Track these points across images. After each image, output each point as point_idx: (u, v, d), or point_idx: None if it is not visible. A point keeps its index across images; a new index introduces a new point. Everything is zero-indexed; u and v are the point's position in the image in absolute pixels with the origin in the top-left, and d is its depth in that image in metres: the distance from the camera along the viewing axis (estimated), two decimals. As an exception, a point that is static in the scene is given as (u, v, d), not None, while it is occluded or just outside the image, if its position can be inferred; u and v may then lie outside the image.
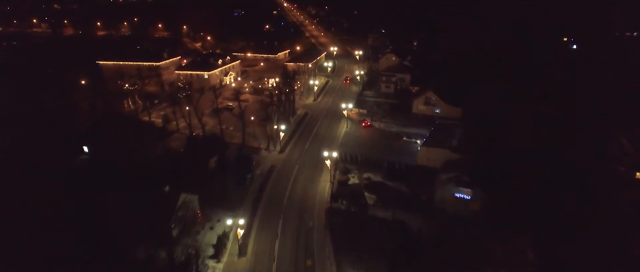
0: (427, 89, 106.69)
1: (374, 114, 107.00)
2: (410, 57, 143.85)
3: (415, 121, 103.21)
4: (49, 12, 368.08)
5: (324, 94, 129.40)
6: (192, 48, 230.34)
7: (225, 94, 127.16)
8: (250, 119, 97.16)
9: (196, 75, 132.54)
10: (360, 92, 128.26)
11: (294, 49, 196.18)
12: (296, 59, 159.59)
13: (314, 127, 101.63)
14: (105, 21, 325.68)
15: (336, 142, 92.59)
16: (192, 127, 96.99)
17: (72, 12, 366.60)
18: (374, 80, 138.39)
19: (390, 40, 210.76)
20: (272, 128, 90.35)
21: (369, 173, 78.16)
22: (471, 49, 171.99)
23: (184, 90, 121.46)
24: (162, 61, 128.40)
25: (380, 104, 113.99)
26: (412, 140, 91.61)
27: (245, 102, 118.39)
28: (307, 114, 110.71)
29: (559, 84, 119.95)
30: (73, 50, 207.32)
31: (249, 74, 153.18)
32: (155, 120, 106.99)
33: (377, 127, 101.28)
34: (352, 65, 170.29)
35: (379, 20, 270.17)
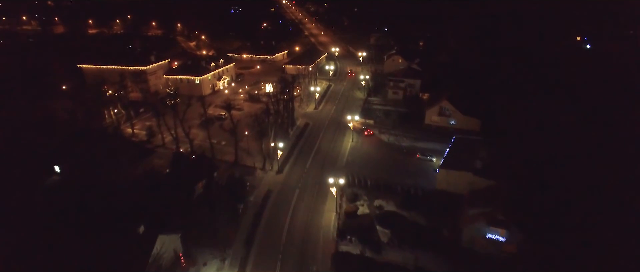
0: (441, 97, 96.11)
1: (382, 125, 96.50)
2: (418, 59, 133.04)
3: (429, 134, 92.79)
4: (41, 8, 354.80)
5: (326, 101, 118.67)
6: (186, 47, 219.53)
7: (217, 101, 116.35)
8: (244, 133, 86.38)
9: (186, 80, 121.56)
10: (365, 99, 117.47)
11: (293, 49, 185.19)
12: (295, 61, 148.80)
13: (316, 140, 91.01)
14: (97, 18, 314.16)
15: (341, 159, 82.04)
16: (179, 141, 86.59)
17: (64, 8, 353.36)
18: (380, 85, 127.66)
19: (394, 40, 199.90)
20: (269, 145, 79.74)
21: (381, 200, 67.66)
22: (482, 50, 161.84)
23: (173, 97, 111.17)
24: (149, 65, 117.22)
25: (388, 113, 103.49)
26: (427, 157, 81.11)
27: (239, 111, 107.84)
28: (307, 124, 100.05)
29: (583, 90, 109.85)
30: (61, 50, 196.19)
31: (244, 77, 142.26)
32: (139, 133, 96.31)
33: (386, 140, 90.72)
34: (355, 67, 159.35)
35: (381, 18, 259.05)
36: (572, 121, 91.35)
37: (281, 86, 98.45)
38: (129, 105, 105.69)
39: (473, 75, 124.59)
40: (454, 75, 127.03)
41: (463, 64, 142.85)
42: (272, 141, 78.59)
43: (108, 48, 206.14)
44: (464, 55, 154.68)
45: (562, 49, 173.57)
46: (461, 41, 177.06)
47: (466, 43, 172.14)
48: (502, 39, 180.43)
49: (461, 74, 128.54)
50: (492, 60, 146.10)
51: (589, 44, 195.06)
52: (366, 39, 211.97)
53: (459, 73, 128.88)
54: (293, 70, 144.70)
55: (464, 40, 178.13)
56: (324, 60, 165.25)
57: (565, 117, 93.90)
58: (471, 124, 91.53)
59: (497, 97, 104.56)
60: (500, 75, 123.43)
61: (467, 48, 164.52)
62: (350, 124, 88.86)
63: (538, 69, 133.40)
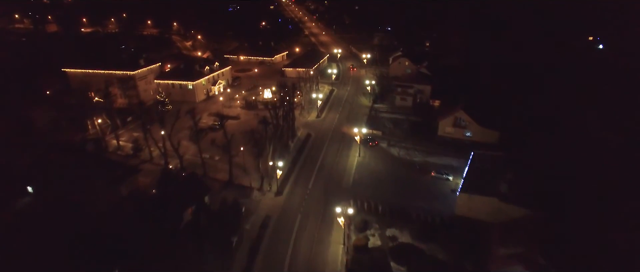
0: (455, 107, 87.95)
1: (392, 137, 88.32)
2: (426, 62, 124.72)
3: (443, 147, 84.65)
4: (35, 6, 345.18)
5: (329, 108, 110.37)
6: (181, 47, 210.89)
7: (211, 108, 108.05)
8: (239, 149, 78.11)
9: (179, 85, 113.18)
10: (371, 106, 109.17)
11: (293, 50, 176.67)
12: (295, 64, 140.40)
13: (319, 154, 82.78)
14: (92, 17, 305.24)
15: (347, 178, 73.85)
16: (168, 155, 78.43)
17: (59, 7, 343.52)
18: (386, 90, 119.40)
19: (398, 41, 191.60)
20: (267, 165, 71.55)
21: (394, 229, 59.59)
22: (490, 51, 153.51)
23: (164, 104, 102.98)
24: (138, 69, 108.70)
25: (397, 123, 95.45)
26: (443, 176, 72.96)
27: (235, 120, 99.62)
28: (309, 136, 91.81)
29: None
30: (52, 50, 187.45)
31: (241, 81, 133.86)
32: (125, 145, 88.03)
33: (396, 154, 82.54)
34: (359, 69, 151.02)
35: (384, 17, 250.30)
36: (600, 128, 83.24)
37: (281, 93, 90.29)
38: (115, 114, 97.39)
39: (485, 80, 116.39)
40: (465, 79, 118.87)
41: (473, 66, 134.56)
42: (271, 160, 70.32)
43: (101, 48, 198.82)
44: (473, 57, 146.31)
45: (575, 50, 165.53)
46: (468, 42, 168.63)
47: (474, 44, 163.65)
48: (511, 40, 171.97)
49: (472, 78, 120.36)
50: (502, 62, 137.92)
51: (601, 45, 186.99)
52: (369, 38, 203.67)
53: (469, 77, 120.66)
54: (293, 74, 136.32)
55: (471, 40, 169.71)
56: (326, 62, 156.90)
57: (592, 125, 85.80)
58: (488, 136, 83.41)
59: (513, 105, 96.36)
60: (514, 80, 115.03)
61: (475, 49, 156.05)
62: (357, 137, 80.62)
63: (553, 72, 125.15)
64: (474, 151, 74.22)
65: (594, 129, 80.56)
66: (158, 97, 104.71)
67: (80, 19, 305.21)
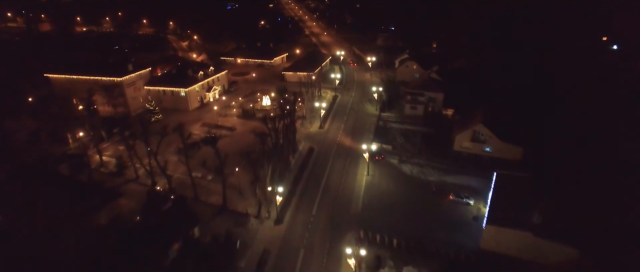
0: (474, 119, 79.88)
1: (403, 152, 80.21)
2: (436, 66, 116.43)
3: (459, 164, 76.60)
4: (29, 4, 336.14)
5: (333, 116, 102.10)
6: (177, 47, 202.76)
7: (206, 117, 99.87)
8: (235, 169, 70.04)
9: (171, 92, 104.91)
10: (378, 115, 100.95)
11: (293, 52, 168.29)
12: (296, 67, 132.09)
13: (323, 173, 74.63)
14: (86, 16, 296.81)
15: (356, 202, 65.75)
16: (156, 174, 70.49)
17: (53, 5, 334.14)
18: (394, 96, 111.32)
19: (403, 41, 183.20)
20: (265, 189, 63.49)
21: (411, 267, 51.61)
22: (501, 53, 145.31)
23: (153, 114, 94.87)
24: (126, 75, 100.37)
25: (408, 135, 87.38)
26: (463, 200, 64.91)
27: (230, 131, 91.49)
28: (312, 150, 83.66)
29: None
30: (42, 51, 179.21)
31: (238, 86, 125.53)
32: (109, 161, 79.90)
33: (408, 172, 74.45)
34: (363, 73, 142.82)
35: (387, 16, 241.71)
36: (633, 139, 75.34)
37: (280, 100, 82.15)
38: (100, 125, 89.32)
39: (499, 86, 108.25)
40: (477, 85, 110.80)
41: (483, 70, 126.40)
42: (270, 185, 62.21)
43: (94, 48, 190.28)
44: (484, 60, 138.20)
45: (589, 51, 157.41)
46: (477, 43, 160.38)
47: (483, 45, 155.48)
48: (521, 40, 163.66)
49: (484, 84, 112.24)
50: (515, 65, 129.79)
51: (616, 45, 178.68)
52: (372, 39, 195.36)
53: (482, 83, 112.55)
54: (293, 78, 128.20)
55: (480, 41, 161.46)
56: (328, 65, 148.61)
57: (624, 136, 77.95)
58: (511, 152, 75.34)
59: (536, 115, 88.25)
60: (531, 86, 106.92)
61: (485, 51, 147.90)
62: (366, 154, 72.50)
63: (571, 76, 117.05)
64: (497, 171, 66.21)
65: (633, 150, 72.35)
66: (147, 106, 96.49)
67: (75, 18, 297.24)
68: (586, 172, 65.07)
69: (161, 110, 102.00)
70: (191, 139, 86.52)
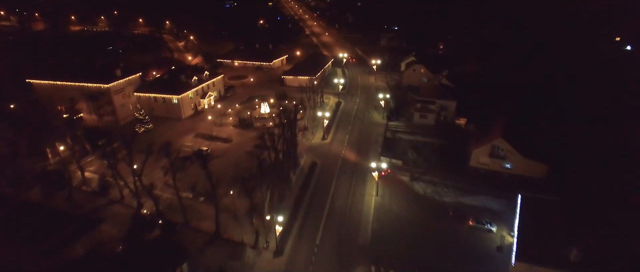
0: (492, 132, 72.85)
1: (415, 168, 73.20)
2: (446, 70, 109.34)
3: (476, 181, 69.65)
4: (22, 2, 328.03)
5: (337, 126, 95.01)
6: (173, 47, 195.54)
7: (199, 127, 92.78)
8: (229, 192, 63.08)
9: (162, 99, 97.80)
10: (386, 124, 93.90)
11: (293, 53, 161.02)
12: (296, 70, 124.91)
13: (327, 192, 67.62)
14: (81, 15, 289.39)
15: (364, 228, 58.79)
16: (142, 195, 63.52)
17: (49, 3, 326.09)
18: (401, 102, 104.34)
19: (407, 42, 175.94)
20: (263, 217, 56.57)
21: (432, 312, 44.81)
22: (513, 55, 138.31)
23: (144, 123, 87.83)
24: (113, 81, 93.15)
25: (419, 148, 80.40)
26: (484, 226, 58.01)
27: (226, 143, 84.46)
28: (315, 165, 76.64)
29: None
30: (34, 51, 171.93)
31: (235, 91, 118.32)
32: (92, 178, 72.90)
33: (421, 192, 67.51)
34: (367, 76, 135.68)
35: (390, 15, 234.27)
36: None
37: (280, 110, 75.04)
38: (83, 137, 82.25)
39: (514, 91, 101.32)
40: (491, 91, 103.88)
41: (497, 75, 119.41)
42: (268, 213, 55.26)
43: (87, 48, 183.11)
44: (495, 63, 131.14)
45: (604, 52, 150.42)
46: (487, 44, 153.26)
47: (494, 47, 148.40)
48: (533, 42, 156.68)
49: (498, 89, 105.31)
50: (529, 68, 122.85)
51: (629, 46, 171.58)
52: (375, 39, 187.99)
53: (495, 89, 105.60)
54: (294, 82, 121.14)
55: (490, 43, 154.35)
56: (330, 68, 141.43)
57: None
58: (534, 170, 68.32)
59: (558, 125, 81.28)
60: (550, 91, 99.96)
61: (496, 53, 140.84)
62: (375, 173, 65.55)
63: (592, 81, 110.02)
64: (521, 193, 59.24)
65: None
66: (136, 115, 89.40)
67: (69, 16, 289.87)
68: (633, 195, 58.12)
69: (152, 118, 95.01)
70: (183, 153, 79.92)
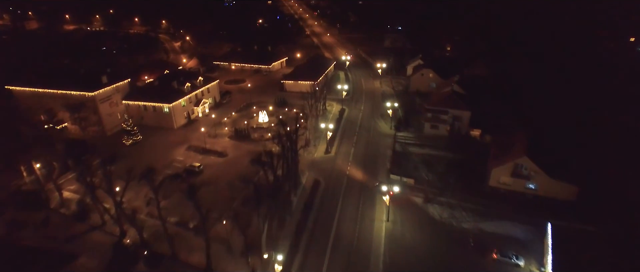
0: (515, 148, 65.90)
1: (429, 188, 66.26)
2: (457, 75, 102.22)
3: (497, 204, 62.69)
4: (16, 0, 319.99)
5: (341, 137, 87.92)
6: (169, 48, 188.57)
7: (192, 138, 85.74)
8: (221, 221, 56.14)
9: (152, 107, 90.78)
10: (394, 136, 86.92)
11: (293, 55, 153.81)
12: (297, 75, 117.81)
13: (332, 218, 60.70)
14: (76, 13, 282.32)
15: (374, 261, 51.92)
16: (125, 221, 56.63)
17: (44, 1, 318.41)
18: (409, 109, 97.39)
19: (412, 43, 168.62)
20: (261, 258, 49.60)
21: None
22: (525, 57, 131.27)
23: (131, 135, 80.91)
24: (99, 88, 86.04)
25: (431, 163, 73.51)
26: (510, 260, 51.11)
27: (220, 158, 77.50)
28: (318, 184, 69.64)
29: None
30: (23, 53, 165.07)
31: (231, 97, 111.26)
32: (71, 199, 65.95)
33: (437, 216, 60.59)
34: (372, 80, 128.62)
35: (393, 14, 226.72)
36: None
37: (279, 116, 67.96)
38: (64, 151, 75.37)
39: (531, 98, 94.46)
40: (505, 98, 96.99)
41: (510, 79, 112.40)
42: (265, 251, 48.35)
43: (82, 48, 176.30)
44: (507, 66, 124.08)
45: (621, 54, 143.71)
46: (497, 46, 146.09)
47: (505, 49, 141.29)
48: (544, 42, 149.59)
49: (513, 96, 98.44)
50: (544, 71, 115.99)
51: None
52: (378, 39, 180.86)
53: (510, 95, 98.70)
54: (294, 88, 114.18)
55: (500, 44, 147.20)
56: (332, 71, 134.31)
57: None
58: (562, 191, 61.45)
59: (586, 139, 74.30)
60: (571, 98, 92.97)
61: (509, 56, 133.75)
62: (386, 196, 58.62)
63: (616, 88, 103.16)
64: (551, 222, 52.52)
65: None
66: (124, 126, 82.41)
67: (64, 15, 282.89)
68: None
69: (142, 128, 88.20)
70: (172, 169, 73.15)
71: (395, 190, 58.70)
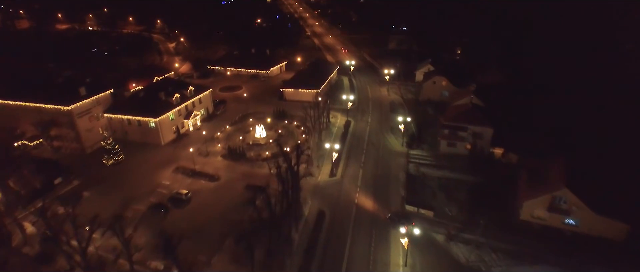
0: (548, 175, 57.01)
1: (451, 221, 57.35)
2: (474, 84, 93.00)
3: (529, 242, 53.80)
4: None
5: (347, 155, 78.68)
6: (163, 49, 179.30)
7: (180, 157, 76.52)
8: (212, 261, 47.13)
9: (137, 122, 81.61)
10: (406, 153, 77.93)
11: (293, 58, 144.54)
12: (297, 82, 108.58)
13: (340, 262, 51.68)
14: (68, 12, 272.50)
15: (393, 323, 43.09)
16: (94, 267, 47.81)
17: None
18: (421, 121, 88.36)
19: (419, 45, 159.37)
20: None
21: None
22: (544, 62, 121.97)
23: (112, 154, 71.98)
24: (76, 102, 76.77)
25: (449, 188, 64.66)
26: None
27: (212, 182, 68.47)
28: (322, 216, 60.52)
29: None
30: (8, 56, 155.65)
31: (226, 107, 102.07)
32: (36, 236, 56.89)
33: (462, 258, 51.69)
34: (378, 86, 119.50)
35: (396, 13, 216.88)
36: None
37: (279, 135, 58.86)
38: (31, 175, 66.22)
39: (555, 110, 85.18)
40: (526, 110, 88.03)
41: (531, 87, 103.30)
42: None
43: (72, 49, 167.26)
44: (525, 71, 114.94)
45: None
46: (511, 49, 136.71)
47: (521, 52, 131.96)
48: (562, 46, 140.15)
49: (534, 107, 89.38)
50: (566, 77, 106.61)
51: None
52: (383, 41, 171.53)
53: (532, 107, 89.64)
54: (294, 96, 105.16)
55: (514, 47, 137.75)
56: (335, 77, 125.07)
57: None
58: (608, 229, 52.63)
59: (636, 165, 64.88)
60: (615, 113, 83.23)
61: (523, 58, 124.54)
62: (404, 239, 49.57)
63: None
64: (597, 267, 43.72)
65: None
66: (103, 144, 73.27)
67: (56, 14, 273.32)
68: None
69: (126, 145, 79.29)
70: (156, 196, 64.22)
71: (416, 232, 49.67)
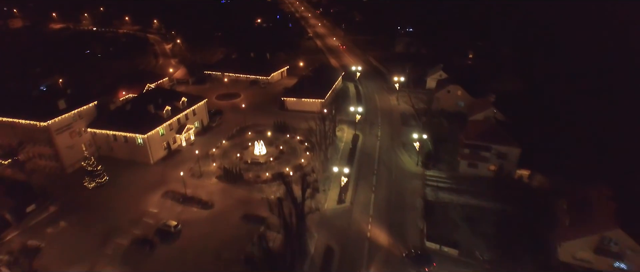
0: (593, 210, 49.13)
1: (478, 261, 49.58)
2: (494, 94, 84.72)
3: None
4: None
5: (357, 176, 70.53)
6: (159, 51, 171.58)
7: (170, 178, 68.63)
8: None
9: (124, 138, 73.73)
10: (423, 174, 70.00)
11: (295, 63, 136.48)
12: (300, 90, 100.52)
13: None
14: (64, 11, 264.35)
15: None
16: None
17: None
18: (436, 136, 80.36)
19: (427, 48, 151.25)
20: None
21: None
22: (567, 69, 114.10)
23: (94, 177, 64.29)
24: (55, 116, 68.88)
25: (474, 219, 56.87)
26: None
27: (203, 209, 60.66)
28: (331, 253, 52.54)
29: None
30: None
31: (222, 118, 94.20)
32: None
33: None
34: (387, 94, 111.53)
35: (400, 13, 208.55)
36: None
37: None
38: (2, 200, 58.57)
39: (596, 126, 77.05)
40: (555, 124, 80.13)
41: (553, 95, 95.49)
42: None
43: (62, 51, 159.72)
44: (546, 80, 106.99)
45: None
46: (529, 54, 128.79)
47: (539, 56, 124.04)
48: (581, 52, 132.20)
49: (564, 122, 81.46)
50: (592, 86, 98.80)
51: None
52: (389, 42, 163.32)
53: (564, 121, 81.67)
54: (296, 106, 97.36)
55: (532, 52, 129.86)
56: (340, 84, 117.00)
57: None
58: (666, 275, 44.86)
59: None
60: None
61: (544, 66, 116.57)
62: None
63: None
64: None
65: None
66: (84, 165, 65.40)
67: (51, 13, 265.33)
68: None
69: (112, 163, 71.71)
70: (141, 228, 56.56)
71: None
